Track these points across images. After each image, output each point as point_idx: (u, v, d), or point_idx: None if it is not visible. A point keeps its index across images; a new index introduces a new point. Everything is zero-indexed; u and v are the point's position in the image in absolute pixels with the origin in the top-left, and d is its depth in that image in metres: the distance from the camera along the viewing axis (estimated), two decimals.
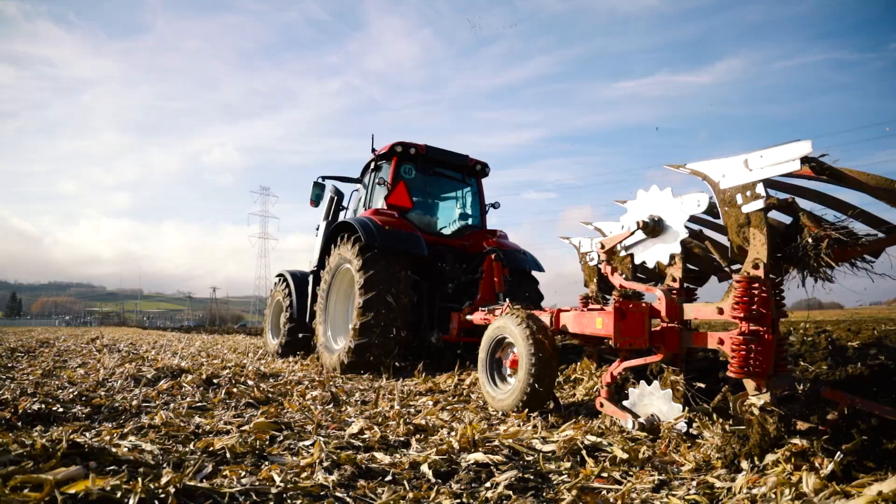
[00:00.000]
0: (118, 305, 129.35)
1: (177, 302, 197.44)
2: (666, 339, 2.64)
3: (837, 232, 2.18)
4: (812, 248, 2.21)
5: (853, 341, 5.29)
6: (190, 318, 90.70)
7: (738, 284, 2.26)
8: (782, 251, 2.31)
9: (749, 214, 2.31)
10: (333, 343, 6.08)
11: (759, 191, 2.26)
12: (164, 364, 4.97)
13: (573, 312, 3.34)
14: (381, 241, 5.38)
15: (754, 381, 2.23)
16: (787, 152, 2.13)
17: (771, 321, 2.23)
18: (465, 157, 6.73)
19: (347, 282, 6.02)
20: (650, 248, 2.84)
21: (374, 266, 5.36)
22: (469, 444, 2.31)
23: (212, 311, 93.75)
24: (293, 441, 2.37)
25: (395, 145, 6.37)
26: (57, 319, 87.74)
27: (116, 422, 2.75)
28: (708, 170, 2.48)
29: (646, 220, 2.77)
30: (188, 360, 6.30)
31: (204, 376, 4.20)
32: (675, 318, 2.65)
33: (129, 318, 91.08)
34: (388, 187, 6.28)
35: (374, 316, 5.25)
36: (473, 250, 6.28)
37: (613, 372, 2.84)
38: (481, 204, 6.91)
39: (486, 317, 4.73)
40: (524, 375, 3.17)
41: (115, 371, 4.68)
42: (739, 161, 2.32)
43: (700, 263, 3.19)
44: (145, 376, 4.27)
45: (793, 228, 2.31)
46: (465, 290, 5.84)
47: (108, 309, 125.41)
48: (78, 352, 7.83)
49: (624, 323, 2.65)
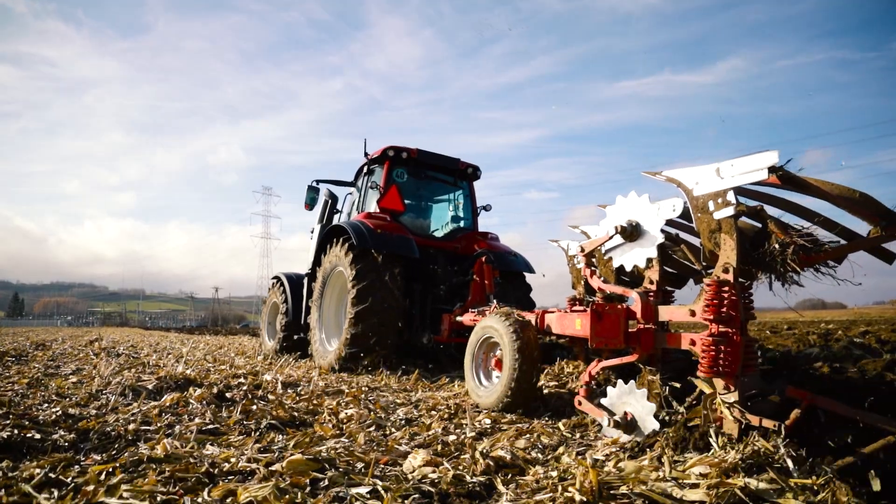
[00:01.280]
0: (120, 306, 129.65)
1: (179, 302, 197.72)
2: (641, 340, 2.72)
3: (803, 239, 2.26)
4: (779, 254, 2.29)
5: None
6: (192, 319, 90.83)
7: (708, 288, 2.34)
8: (751, 256, 2.39)
9: (720, 221, 2.38)
10: (327, 344, 6.17)
11: (729, 198, 2.33)
12: (167, 373, 4.45)
13: (557, 313, 3.42)
14: (372, 245, 5.47)
15: (723, 380, 2.30)
16: (756, 162, 2.20)
17: (740, 323, 2.31)
18: (456, 161, 6.81)
19: (341, 284, 6.10)
20: (628, 252, 2.91)
21: (366, 269, 5.45)
22: (592, 497, 1.73)
23: (214, 311, 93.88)
24: (342, 488, 1.84)
25: (388, 149, 6.45)
26: (59, 320, 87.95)
27: (107, 453, 2.26)
28: (682, 177, 2.56)
29: (624, 225, 2.85)
30: (193, 366, 5.80)
31: (215, 390, 3.65)
32: (651, 319, 2.73)
33: (131, 319, 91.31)
34: (381, 191, 6.37)
35: (367, 318, 5.34)
36: (465, 252, 6.37)
37: (592, 371, 2.92)
38: (473, 206, 6.99)
39: (475, 318, 4.81)
40: (508, 373, 3.27)
41: (112, 380, 4.19)
42: (712, 169, 2.40)
43: (677, 266, 3.26)
44: (145, 387, 3.83)
45: (762, 235, 2.39)
46: (457, 291, 5.92)
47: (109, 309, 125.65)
48: (74, 356, 7.37)
49: (600, 324, 2.73)
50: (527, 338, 3.29)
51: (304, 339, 7.19)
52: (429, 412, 3.39)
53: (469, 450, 2.36)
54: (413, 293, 5.87)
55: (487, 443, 2.53)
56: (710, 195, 2.40)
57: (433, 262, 6.12)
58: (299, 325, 7.36)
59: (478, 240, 6.55)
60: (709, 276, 2.44)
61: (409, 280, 5.80)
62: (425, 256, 6.03)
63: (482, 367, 3.78)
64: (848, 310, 38.24)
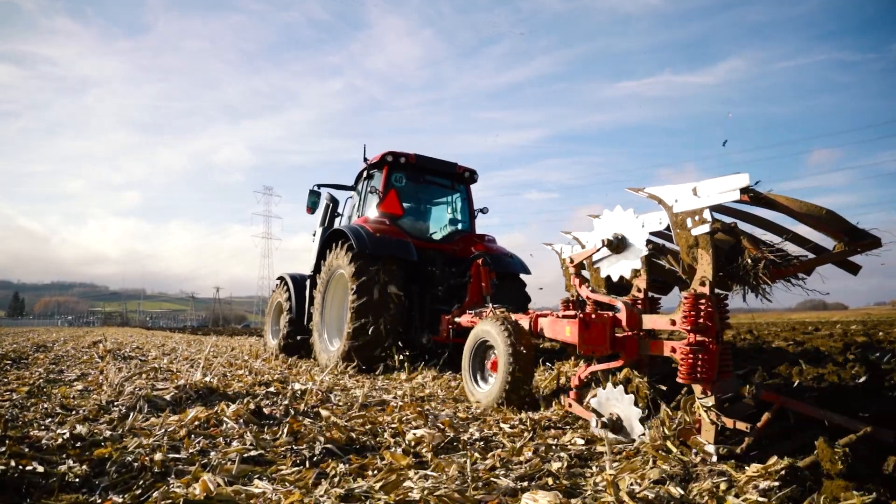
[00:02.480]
0: (121, 305, 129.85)
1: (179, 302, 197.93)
2: (626, 347, 2.90)
3: (773, 254, 2.43)
4: (751, 268, 2.47)
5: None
6: (193, 319, 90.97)
7: (685, 300, 2.51)
8: (726, 270, 2.56)
9: (697, 237, 2.55)
10: (329, 344, 6.37)
11: (705, 216, 2.50)
12: (186, 381, 3.80)
13: (550, 318, 3.60)
14: (371, 248, 5.65)
15: (701, 385, 2.48)
16: (728, 184, 2.37)
17: (716, 332, 2.48)
18: (453, 165, 6.98)
19: (342, 286, 6.29)
20: (615, 264, 3.09)
21: (366, 271, 5.63)
22: None
23: (215, 311, 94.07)
24: None
25: (386, 155, 6.62)
26: (59, 319, 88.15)
27: (130, 492, 1.80)
28: (663, 195, 2.72)
29: (610, 238, 3.02)
30: (208, 369, 5.21)
31: (252, 405, 3.07)
32: (635, 327, 2.90)
33: (132, 319, 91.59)
34: (380, 195, 6.54)
35: (367, 318, 5.53)
36: (463, 254, 6.54)
37: (581, 375, 3.10)
38: (470, 209, 7.17)
39: (472, 319, 5.00)
40: (503, 375, 3.46)
41: (124, 388, 3.72)
42: (689, 189, 2.56)
43: (664, 275, 3.44)
44: (163, 398, 3.37)
45: (736, 250, 2.56)
46: (455, 292, 6.10)
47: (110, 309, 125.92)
48: (77, 358, 7.00)
49: (588, 332, 2.91)
50: (520, 342, 3.48)
51: (306, 338, 7.38)
52: (500, 429, 2.90)
53: (609, 491, 1.80)
54: (412, 294, 6.05)
55: (614, 474, 2.00)
56: (688, 213, 2.57)
57: (431, 263, 6.30)
58: (303, 324, 7.55)
59: (475, 242, 6.72)
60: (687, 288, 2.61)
61: (409, 281, 5.98)
62: (424, 258, 6.20)
63: (479, 369, 3.97)
64: (850, 310, 38.42)
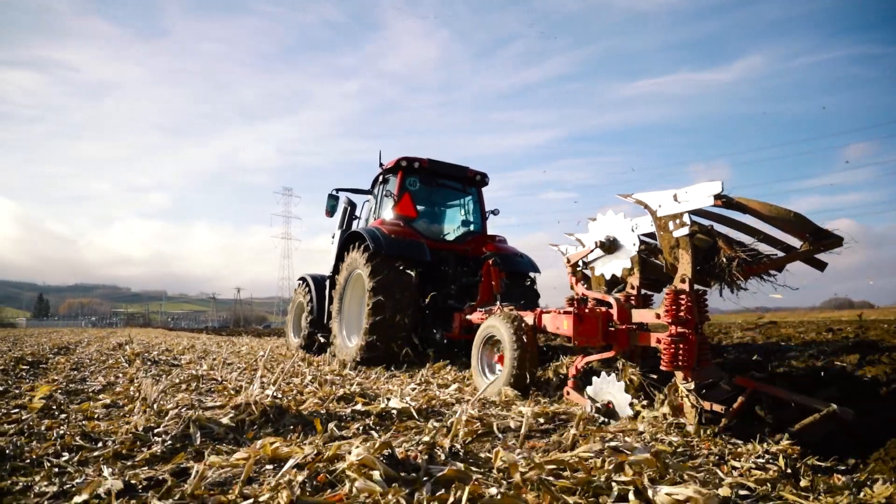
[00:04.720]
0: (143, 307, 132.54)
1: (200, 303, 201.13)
2: (618, 339, 3.20)
3: (745, 253, 2.71)
4: (726, 267, 2.75)
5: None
6: (214, 319, 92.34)
7: (667, 296, 2.80)
8: (704, 268, 2.84)
9: (678, 238, 2.84)
10: (348, 341, 6.73)
11: (685, 220, 2.79)
12: (246, 398, 2.84)
13: (551, 314, 3.90)
14: (387, 250, 6.00)
15: (682, 372, 2.77)
16: (703, 190, 2.66)
17: (695, 325, 2.77)
18: (465, 169, 7.31)
19: (360, 286, 6.65)
20: (607, 263, 3.38)
21: (382, 272, 5.98)
22: None
23: (236, 311, 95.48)
24: None
25: (401, 160, 6.97)
26: (83, 320, 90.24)
27: None
28: (649, 200, 3.01)
29: (602, 240, 3.32)
30: (265, 379, 3.84)
31: (386, 451, 1.93)
32: (626, 321, 3.20)
33: (154, 320, 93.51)
34: (395, 198, 6.89)
35: (383, 316, 5.88)
36: (474, 254, 6.86)
37: (578, 365, 3.40)
38: (482, 211, 7.48)
39: (483, 317, 5.31)
40: (509, 367, 3.78)
41: (164, 407, 2.89)
42: (670, 195, 2.85)
43: (657, 273, 3.72)
44: (219, 421, 2.56)
45: (713, 250, 2.85)
46: (467, 291, 6.42)
47: (133, 310, 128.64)
48: (102, 363, 6.10)
49: (582, 325, 3.21)
50: (525, 336, 3.79)
51: (327, 336, 7.75)
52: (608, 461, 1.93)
53: None
54: (426, 293, 6.38)
55: None
56: (670, 216, 2.86)
57: (445, 263, 6.63)
58: (323, 323, 7.93)
59: (486, 242, 7.03)
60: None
61: (423, 281, 6.31)
62: (437, 258, 6.53)
63: (486, 361, 4.29)
64: (875, 309, 37.44)
